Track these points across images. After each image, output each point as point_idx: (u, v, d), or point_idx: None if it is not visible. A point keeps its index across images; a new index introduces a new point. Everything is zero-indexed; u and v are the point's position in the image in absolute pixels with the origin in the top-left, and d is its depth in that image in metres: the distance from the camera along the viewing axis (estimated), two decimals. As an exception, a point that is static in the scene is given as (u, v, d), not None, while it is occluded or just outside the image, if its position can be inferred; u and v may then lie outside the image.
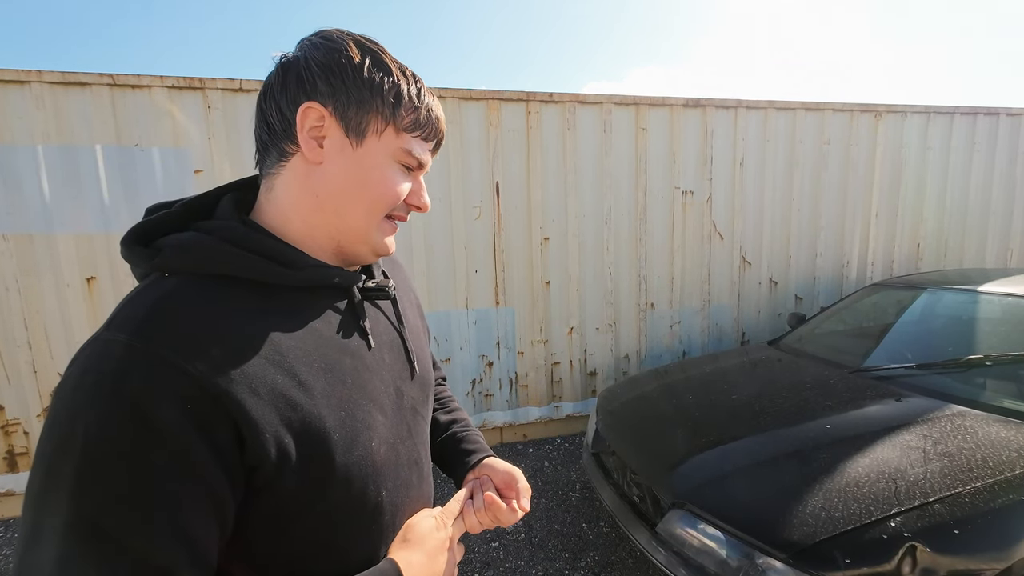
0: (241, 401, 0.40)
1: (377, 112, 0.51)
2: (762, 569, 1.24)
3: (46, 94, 2.33)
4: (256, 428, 0.40)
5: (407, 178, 0.55)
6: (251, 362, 0.42)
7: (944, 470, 1.33)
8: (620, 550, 2.14)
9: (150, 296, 0.42)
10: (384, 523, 0.53)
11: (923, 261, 3.94)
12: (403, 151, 0.53)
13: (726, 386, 2.18)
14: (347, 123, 0.50)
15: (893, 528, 1.18)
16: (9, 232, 2.36)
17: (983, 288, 2.24)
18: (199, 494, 0.38)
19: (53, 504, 0.35)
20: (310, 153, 0.50)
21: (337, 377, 0.49)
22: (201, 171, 2.54)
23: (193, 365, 0.38)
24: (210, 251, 0.46)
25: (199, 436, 0.38)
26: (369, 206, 0.53)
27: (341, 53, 0.49)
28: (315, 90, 0.49)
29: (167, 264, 0.45)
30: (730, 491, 1.48)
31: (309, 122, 0.49)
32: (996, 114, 3.87)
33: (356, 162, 0.51)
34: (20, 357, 2.44)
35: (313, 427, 0.45)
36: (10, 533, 2.43)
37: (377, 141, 0.52)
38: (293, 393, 0.44)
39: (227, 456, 0.40)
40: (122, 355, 0.37)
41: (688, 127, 3.29)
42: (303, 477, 0.44)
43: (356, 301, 0.56)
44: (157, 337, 0.39)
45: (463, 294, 3.02)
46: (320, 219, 0.52)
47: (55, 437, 0.37)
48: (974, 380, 1.82)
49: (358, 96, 0.50)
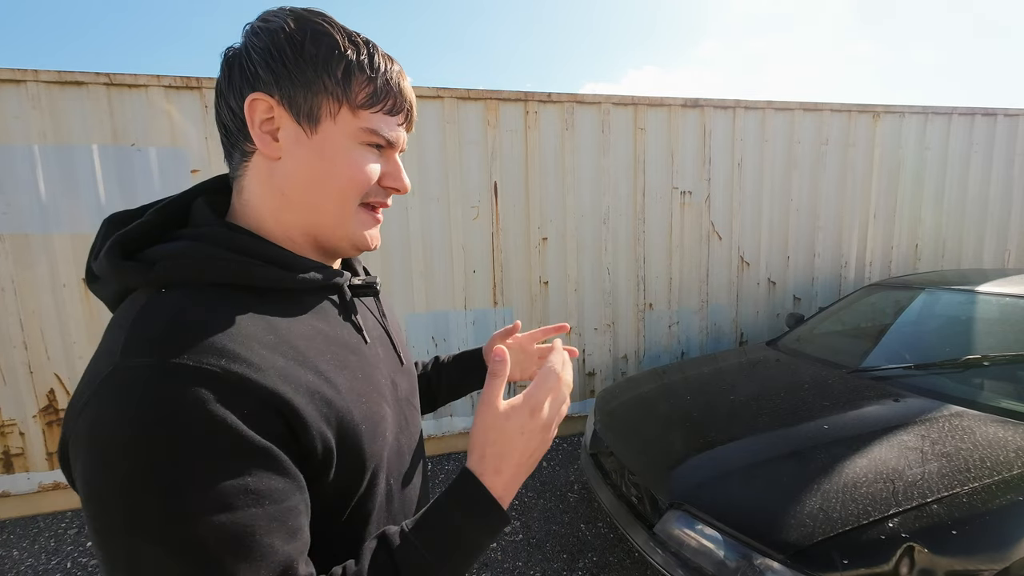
0: (288, 398, 0.40)
1: (327, 92, 0.47)
2: (760, 570, 1.24)
3: (42, 93, 2.32)
4: (304, 423, 0.41)
5: (377, 159, 0.51)
6: (281, 363, 0.42)
7: (942, 470, 1.33)
8: (618, 551, 2.14)
9: (163, 313, 0.40)
10: (393, 510, 0.54)
11: (921, 262, 3.95)
12: (365, 131, 0.49)
13: (724, 386, 2.18)
14: (297, 110, 0.46)
15: (891, 529, 1.18)
16: (5, 232, 2.35)
17: (981, 288, 2.24)
18: (290, 488, 0.39)
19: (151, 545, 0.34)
20: (266, 149, 0.47)
21: (351, 372, 0.49)
22: (198, 171, 2.54)
23: (233, 371, 0.38)
24: (210, 260, 0.44)
25: (264, 436, 0.38)
26: (338, 196, 0.50)
27: (278, 34, 0.46)
28: (258, 80, 0.46)
29: (165, 277, 0.42)
30: (728, 492, 1.48)
31: (258, 115, 0.46)
32: (994, 115, 3.88)
33: (315, 151, 0.48)
34: (16, 358, 2.43)
35: (345, 421, 0.45)
36: (6, 534, 2.42)
37: (333, 124, 0.48)
38: (324, 389, 0.44)
39: (289, 449, 0.40)
40: (162, 377, 0.35)
41: (686, 127, 3.29)
42: (341, 469, 0.45)
43: (348, 299, 0.56)
44: (191, 351, 0.37)
45: (461, 294, 3.02)
46: (292, 216, 0.50)
47: (118, 481, 0.34)
48: (972, 380, 1.82)
49: (302, 78, 0.46)
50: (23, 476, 2.53)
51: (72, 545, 2.33)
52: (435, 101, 2.82)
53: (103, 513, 0.34)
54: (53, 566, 2.19)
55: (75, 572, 2.14)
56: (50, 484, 2.55)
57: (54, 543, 2.35)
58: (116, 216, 0.49)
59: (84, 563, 2.20)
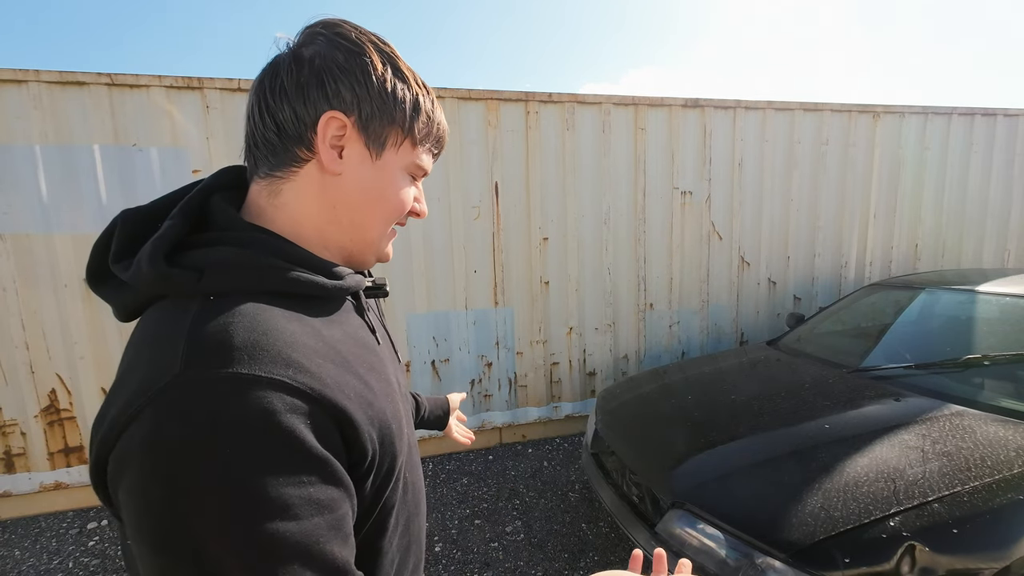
0: (344, 407, 0.41)
1: (397, 124, 0.50)
2: (761, 569, 1.24)
3: (44, 94, 2.32)
4: (357, 428, 0.42)
5: (411, 186, 0.56)
6: (331, 370, 0.42)
7: (943, 469, 1.34)
8: (620, 550, 2.14)
9: (225, 323, 0.39)
10: (408, 501, 0.56)
11: (921, 261, 3.96)
12: (416, 165, 0.54)
13: (725, 386, 2.19)
14: (369, 135, 0.49)
15: (892, 528, 1.18)
16: (7, 232, 2.35)
17: (980, 288, 2.24)
18: (342, 496, 0.40)
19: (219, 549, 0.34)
20: (330, 164, 0.48)
21: (378, 374, 0.51)
22: (199, 171, 2.54)
23: (300, 382, 0.38)
24: (262, 269, 0.44)
25: (324, 446, 0.39)
26: (383, 218, 0.53)
27: (362, 57, 0.47)
28: (338, 98, 0.47)
29: (218, 286, 0.42)
30: (729, 491, 1.48)
31: (331, 131, 0.47)
32: (993, 115, 3.89)
33: (375, 174, 0.51)
34: (17, 358, 2.43)
35: (384, 422, 0.47)
36: (7, 534, 2.42)
37: (395, 154, 0.51)
38: (365, 393, 0.45)
39: (341, 458, 0.41)
40: (234, 387, 0.35)
41: (687, 127, 3.29)
42: (382, 469, 0.46)
43: (363, 301, 0.58)
44: (258, 362, 0.37)
45: (462, 294, 3.02)
46: (334, 230, 0.51)
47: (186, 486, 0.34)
48: (972, 380, 1.82)
49: (380, 107, 0.49)
50: (24, 476, 2.53)
51: (74, 545, 2.33)
52: (436, 101, 2.82)
53: (165, 520, 0.34)
54: (55, 566, 2.19)
55: (77, 572, 2.15)
56: (51, 484, 2.55)
57: (55, 543, 2.35)
58: (130, 213, 0.47)
59: (86, 563, 2.20)
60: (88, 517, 2.55)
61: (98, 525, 2.48)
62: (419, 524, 0.60)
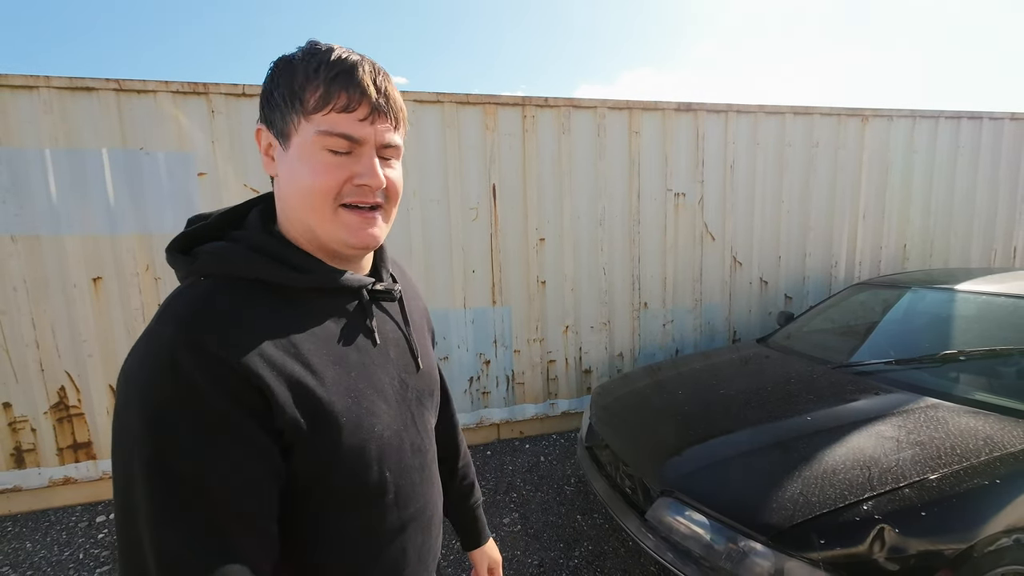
0: (265, 379, 0.48)
1: (289, 109, 0.53)
2: (744, 551, 1.32)
3: (54, 99, 2.39)
4: (277, 401, 0.49)
5: (341, 161, 0.54)
6: (271, 351, 0.50)
7: (915, 458, 1.42)
8: (613, 540, 2.22)
9: (188, 296, 0.51)
10: (388, 501, 0.59)
11: (909, 261, 4.05)
12: (321, 134, 0.52)
13: (715, 382, 2.27)
14: (276, 130, 0.55)
15: (865, 511, 1.26)
16: (17, 233, 2.42)
17: (962, 287, 2.32)
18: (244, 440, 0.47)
19: (135, 459, 0.44)
20: (267, 168, 0.58)
21: (344, 369, 0.56)
22: (204, 174, 2.61)
23: (224, 350, 0.47)
24: (237, 258, 0.54)
25: (234, 400, 0.47)
26: (310, 201, 0.55)
27: (270, 71, 0.56)
28: (260, 113, 0.57)
29: (203, 269, 0.53)
30: (715, 480, 1.56)
31: (263, 142, 0.57)
32: (979, 118, 3.98)
33: (289, 163, 0.55)
34: (28, 356, 2.50)
35: (323, 411, 0.52)
36: (18, 528, 2.49)
37: (298, 136, 0.53)
38: (307, 380, 0.52)
39: (259, 416, 0.48)
40: (170, 343, 0.46)
41: (680, 131, 3.37)
42: (313, 455, 0.51)
43: (365, 302, 0.63)
44: (194, 328, 0.47)
45: (461, 293, 3.09)
46: (293, 224, 0.58)
47: (131, 406, 0.46)
48: (948, 374, 1.91)
49: (274, 101, 0.54)
50: (34, 471, 2.59)
51: (83, 537, 2.40)
52: (435, 106, 2.90)
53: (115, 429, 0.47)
54: (66, 557, 2.25)
55: (88, 563, 2.21)
56: (60, 479, 2.61)
57: (66, 535, 2.41)
58: (192, 218, 0.60)
59: (96, 554, 2.27)
60: (97, 511, 2.62)
61: (107, 518, 2.54)
62: (417, 527, 0.64)
